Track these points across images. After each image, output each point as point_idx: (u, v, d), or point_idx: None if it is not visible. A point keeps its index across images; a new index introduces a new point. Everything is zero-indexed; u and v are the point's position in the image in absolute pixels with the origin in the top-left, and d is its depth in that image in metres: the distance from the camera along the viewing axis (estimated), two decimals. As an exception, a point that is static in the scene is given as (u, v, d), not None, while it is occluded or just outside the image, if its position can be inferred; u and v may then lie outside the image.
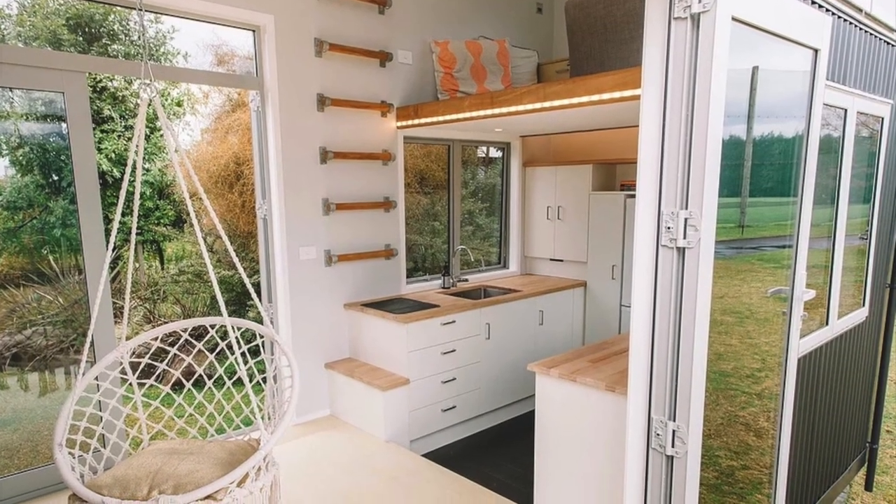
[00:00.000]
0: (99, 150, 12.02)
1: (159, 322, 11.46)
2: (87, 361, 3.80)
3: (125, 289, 4.06)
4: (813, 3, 4.36)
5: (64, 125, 5.29)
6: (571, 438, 4.72)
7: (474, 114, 6.53)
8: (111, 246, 3.77)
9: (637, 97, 4.96)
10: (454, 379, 7.01)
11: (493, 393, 7.49)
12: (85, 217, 5.40)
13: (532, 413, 7.63)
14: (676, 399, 3.33)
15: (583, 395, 4.57)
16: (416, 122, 7.18)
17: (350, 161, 7.02)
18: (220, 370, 4.35)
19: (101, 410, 4.89)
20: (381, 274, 7.49)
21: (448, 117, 6.81)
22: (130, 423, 6.28)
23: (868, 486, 7.07)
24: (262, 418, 4.02)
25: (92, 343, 5.46)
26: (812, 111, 4.05)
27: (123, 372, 4.19)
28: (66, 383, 6.48)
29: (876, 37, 5.42)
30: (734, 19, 3.11)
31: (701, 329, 3.23)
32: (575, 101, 5.59)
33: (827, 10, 4.54)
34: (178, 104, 13.51)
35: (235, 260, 3.93)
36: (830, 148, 4.83)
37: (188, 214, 13.39)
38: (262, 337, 4.33)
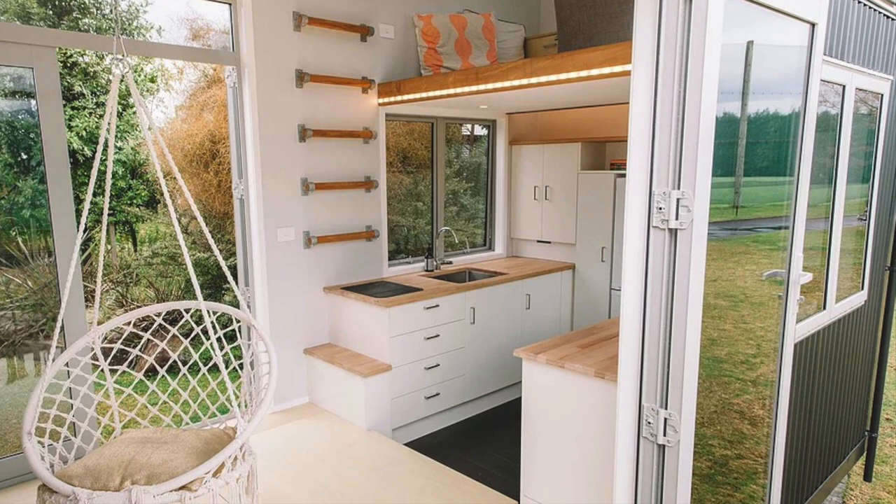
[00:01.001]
0: (69, 127, 11.93)
1: (132, 306, 11.41)
2: (57, 347, 3.77)
3: (97, 272, 4.03)
4: (810, -25, 4.35)
5: (33, 102, 5.24)
6: (559, 427, 4.72)
7: (459, 90, 6.50)
8: (82, 227, 3.76)
9: (627, 73, 4.94)
10: (438, 365, 7.01)
11: (479, 380, 7.49)
12: (55, 197, 5.36)
13: (519, 401, 7.64)
14: (668, 386, 3.33)
15: (571, 381, 4.57)
16: (399, 98, 7.15)
17: (330, 139, 6.98)
18: (196, 356, 4.33)
19: (71, 398, 4.87)
20: (362, 256, 7.47)
21: (431, 94, 6.78)
22: (102, 410, 6.25)
23: (867, 476, 7.07)
24: (239, 406, 4.01)
25: (62, 328, 5.44)
26: (809, 87, 4.04)
27: (95, 358, 4.17)
28: (35, 370, 6.44)
29: (875, 10, 5.40)
30: (729, -9, 3.09)
31: (694, 313, 3.22)
32: (563, 77, 5.57)
33: (824, -17, 4.52)
34: (152, 80, 13.41)
35: (211, 242, 3.92)
36: (828, 125, 4.82)
37: (162, 194, 13.31)
38: (238, 322, 4.31)
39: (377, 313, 6.58)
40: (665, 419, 3.36)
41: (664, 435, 3.38)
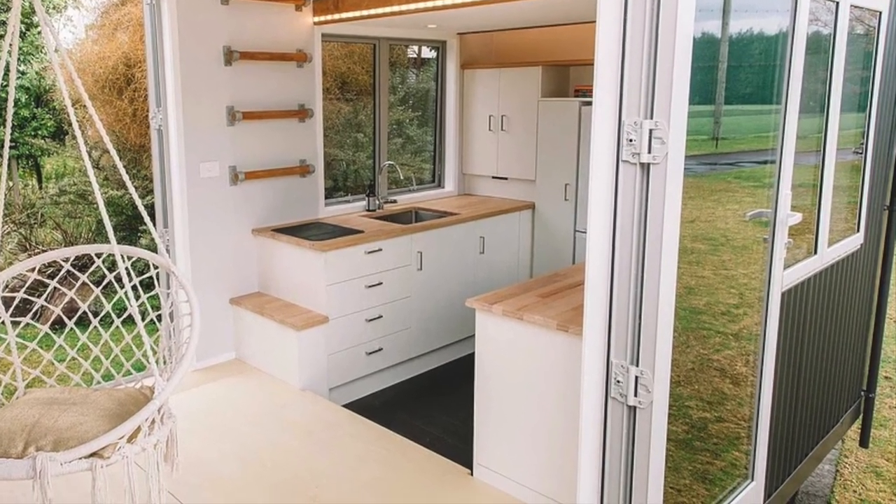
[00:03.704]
0: (-37, 49, 11.73)
1: (36, 250, 11.29)
2: (-50, 297, 3.70)
3: (-4, 212, 3.95)
4: None
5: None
6: (517, 386, 4.72)
7: (404, 7, 6.43)
8: (-21, 162, 3.67)
9: (595, -12, 4.89)
10: (380, 317, 7.00)
11: (426, 333, 7.50)
12: (-56, 127, 5.24)
13: (471, 357, 7.64)
14: (640, 340, 3.33)
15: (531, 335, 4.57)
16: (337, 17, 7.06)
17: (259, 63, 6.88)
18: (108, 307, 4.27)
19: (-34, 354, 4.79)
20: (296, 194, 7.41)
21: (373, 11, 6.71)
22: (3, 368, 6.16)
23: (863, 441, 7.08)
24: (157, 363, 3.95)
25: (-45, 276, 5.33)
26: (798, 4, 4.01)
27: (-6, 309, 4.10)
28: (-75, 323, 6.34)
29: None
30: None
31: (668, 258, 3.21)
32: (522, -8, 5.53)
33: None
34: (59, -5, 13.23)
35: (125, 178, 3.87)
36: (819, 47, 4.81)
37: (70, 125, 13.13)
38: (156, 268, 4.25)
39: (312, 258, 6.53)
40: (636, 377, 3.36)
41: (635, 395, 3.38)
